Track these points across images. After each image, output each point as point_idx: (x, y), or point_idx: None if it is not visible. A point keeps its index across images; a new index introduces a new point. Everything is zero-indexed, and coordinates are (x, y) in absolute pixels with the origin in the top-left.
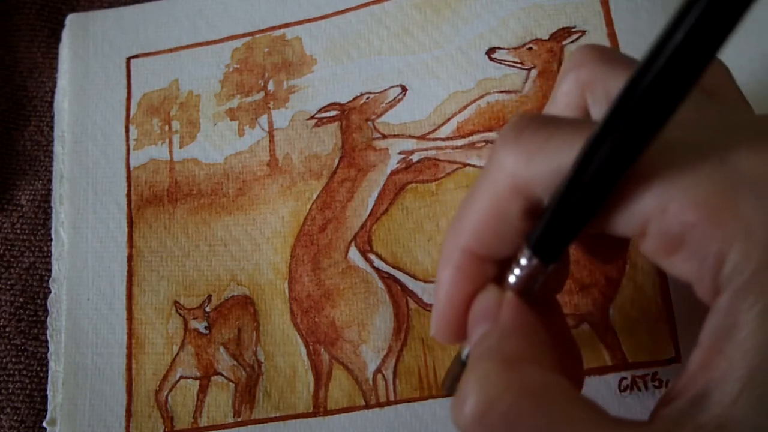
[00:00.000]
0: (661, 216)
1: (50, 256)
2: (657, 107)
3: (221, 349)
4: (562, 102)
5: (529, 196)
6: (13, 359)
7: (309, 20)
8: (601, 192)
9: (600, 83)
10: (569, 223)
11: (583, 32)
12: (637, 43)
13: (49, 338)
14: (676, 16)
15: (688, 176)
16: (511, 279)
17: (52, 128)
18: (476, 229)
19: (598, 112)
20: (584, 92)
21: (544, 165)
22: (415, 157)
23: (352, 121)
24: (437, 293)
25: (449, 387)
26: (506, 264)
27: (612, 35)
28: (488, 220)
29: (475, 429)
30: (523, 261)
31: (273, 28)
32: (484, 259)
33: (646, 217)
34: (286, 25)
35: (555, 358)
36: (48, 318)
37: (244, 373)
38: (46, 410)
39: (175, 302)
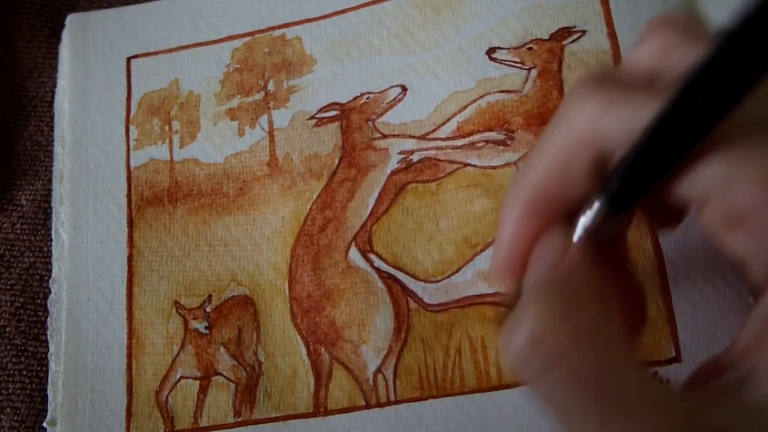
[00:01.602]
0: (728, 189)
1: (50, 256)
2: (750, 64)
3: (221, 349)
4: (634, 69)
5: (601, 146)
6: (14, 359)
7: (309, 20)
8: (682, 148)
9: (676, 52)
10: (645, 175)
11: (584, 32)
12: None
13: (49, 338)
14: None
15: (763, 155)
16: (580, 223)
17: (52, 128)
18: (545, 171)
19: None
20: (660, 60)
21: (622, 117)
22: (415, 157)
23: (353, 121)
24: (501, 230)
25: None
26: (570, 214)
27: (612, 35)
28: (558, 164)
29: (524, 355)
30: (595, 207)
31: (273, 28)
32: (550, 201)
33: (712, 185)
34: (286, 25)
35: (615, 304)
36: (48, 318)
37: (244, 373)
38: (46, 410)
39: (176, 302)
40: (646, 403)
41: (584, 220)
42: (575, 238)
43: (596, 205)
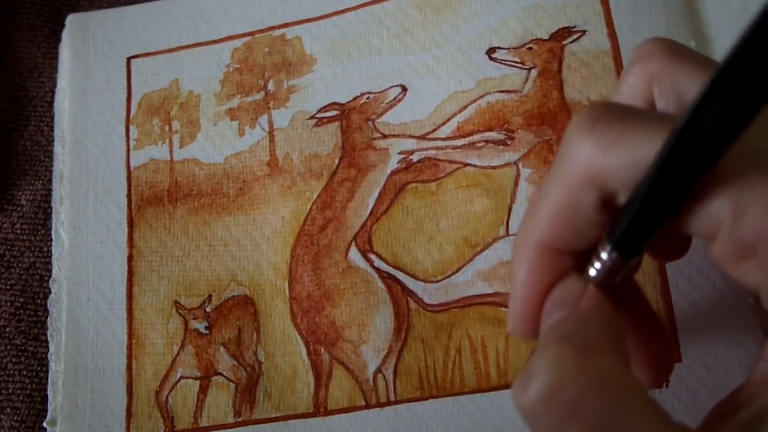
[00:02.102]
0: (736, 221)
1: (50, 256)
2: (749, 99)
3: (221, 349)
4: (627, 94)
5: (604, 187)
6: (14, 359)
7: (309, 20)
8: (685, 189)
9: (669, 77)
10: (651, 220)
11: (584, 32)
12: (637, 43)
13: (49, 338)
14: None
15: None
16: (591, 272)
17: (52, 128)
18: (550, 221)
19: (665, 105)
20: (651, 85)
21: (622, 156)
22: (415, 157)
23: (353, 121)
24: (513, 289)
25: None
26: (582, 255)
27: (612, 35)
28: (562, 211)
29: (537, 409)
30: (604, 255)
31: (273, 28)
32: (559, 251)
33: (720, 219)
34: (286, 25)
35: (636, 344)
36: (48, 318)
37: (244, 373)
38: (46, 410)
39: (176, 302)
40: None
41: (594, 270)
42: (587, 286)
43: (605, 253)
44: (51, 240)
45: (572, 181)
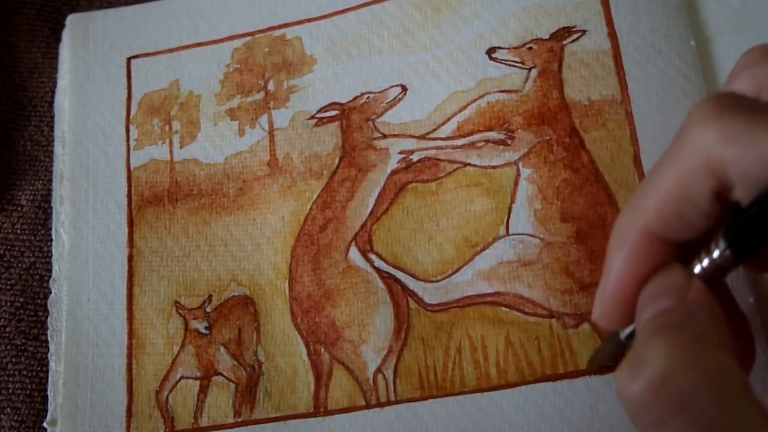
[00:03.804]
0: None
1: (50, 257)
2: None
3: (222, 349)
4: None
5: (722, 178)
6: (14, 359)
7: (309, 20)
8: None
9: None
10: None
11: (584, 32)
12: (637, 43)
13: (49, 338)
14: None
15: None
16: (696, 267)
17: (52, 128)
18: (659, 208)
19: None
20: (760, 92)
21: (747, 149)
22: (415, 157)
23: (353, 120)
24: (606, 274)
25: (598, 364)
26: (682, 247)
27: (612, 35)
28: (673, 199)
29: (645, 399)
30: (716, 252)
31: (273, 28)
32: (662, 240)
33: None
34: (287, 25)
35: (733, 345)
36: (48, 318)
37: (244, 373)
38: (46, 410)
39: (176, 302)
40: None
41: (700, 264)
42: (694, 279)
43: (717, 250)
44: (51, 240)
45: (689, 169)
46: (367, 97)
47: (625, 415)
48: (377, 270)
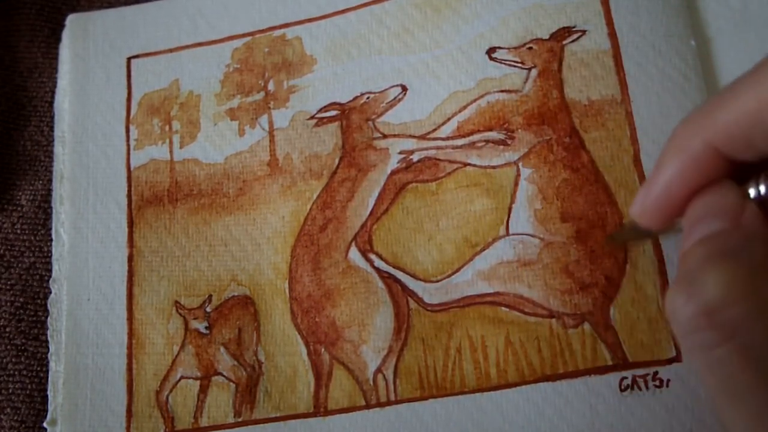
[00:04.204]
0: None
1: (50, 256)
2: None
3: (222, 349)
4: None
5: None
6: (14, 359)
7: (309, 20)
8: None
9: None
10: None
11: (584, 32)
12: (637, 43)
13: (49, 338)
14: None
15: None
16: (752, 191)
17: (52, 128)
18: (731, 124)
19: None
20: None
21: None
22: (415, 157)
23: (353, 120)
24: (656, 174)
25: (621, 241)
26: (739, 169)
27: (612, 35)
28: (748, 119)
29: (697, 322)
30: None
31: (273, 28)
32: (723, 157)
33: None
34: (287, 25)
35: None
36: (48, 318)
37: (244, 373)
38: (46, 410)
39: (176, 302)
40: None
41: (763, 189)
42: (750, 203)
43: None
44: (51, 240)
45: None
46: (367, 97)
47: (625, 415)
48: (377, 270)
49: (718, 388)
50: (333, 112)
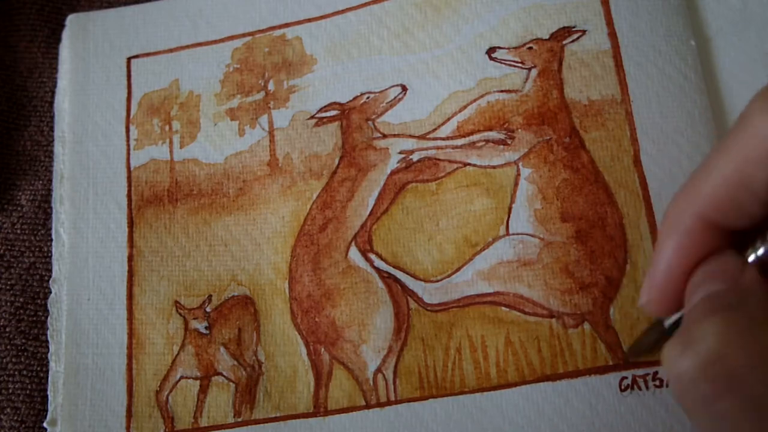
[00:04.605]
0: None
1: (50, 256)
2: None
3: (222, 349)
4: None
5: None
6: (14, 359)
7: (309, 20)
8: None
9: None
10: None
11: (584, 32)
12: (637, 43)
13: (49, 338)
14: None
15: None
16: (752, 256)
17: (52, 128)
18: (715, 193)
19: None
20: None
21: None
22: (415, 157)
23: (353, 120)
24: (656, 260)
25: (638, 351)
26: (734, 235)
27: (612, 35)
28: (731, 185)
29: (694, 376)
30: None
31: (273, 28)
32: (716, 227)
33: None
34: (287, 25)
35: None
36: (48, 318)
37: (244, 373)
38: (46, 410)
39: (176, 302)
40: None
41: (761, 252)
42: (749, 266)
43: None
44: (51, 240)
45: (749, 155)
46: (367, 97)
47: (625, 415)
48: (377, 270)
49: None
50: (333, 112)
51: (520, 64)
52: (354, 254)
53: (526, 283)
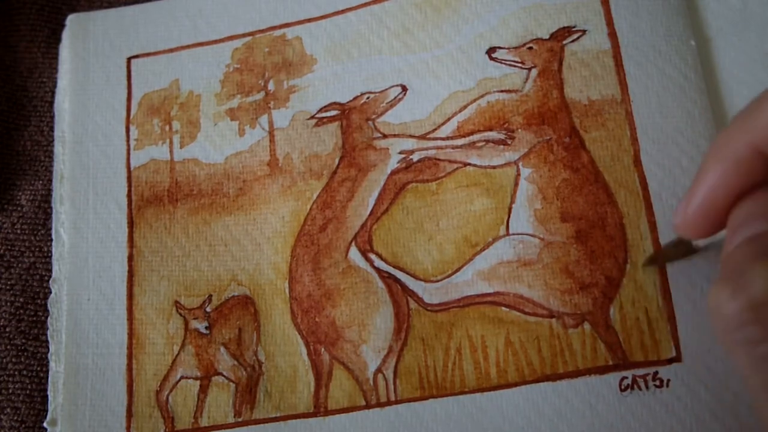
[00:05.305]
0: None
1: (50, 257)
2: None
3: (222, 349)
4: None
5: None
6: (14, 359)
7: (309, 20)
8: None
9: None
10: None
11: (584, 32)
12: (637, 43)
13: (49, 338)
14: None
15: None
16: None
17: (52, 128)
18: None
19: None
20: None
21: None
22: (415, 157)
23: (353, 120)
24: (698, 183)
25: (658, 262)
26: None
27: (612, 35)
28: None
29: (743, 317)
30: None
31: (273, 28)
32: (767, 159)
33: None
34: (287, 25)
35: None
36: (48, 318)
37: (244, 373)
38: (46, 410)
39: (176, 302)
40: None
41: None
42: None
43: None
44: (51, 240)
45: None
46: (367, 97)
47: (625, 415)
48: (377, 270)
49: (762, 386)
50: (333, 112)
51: (520, 64)
52: (354, 254)
53: (526, 283)
